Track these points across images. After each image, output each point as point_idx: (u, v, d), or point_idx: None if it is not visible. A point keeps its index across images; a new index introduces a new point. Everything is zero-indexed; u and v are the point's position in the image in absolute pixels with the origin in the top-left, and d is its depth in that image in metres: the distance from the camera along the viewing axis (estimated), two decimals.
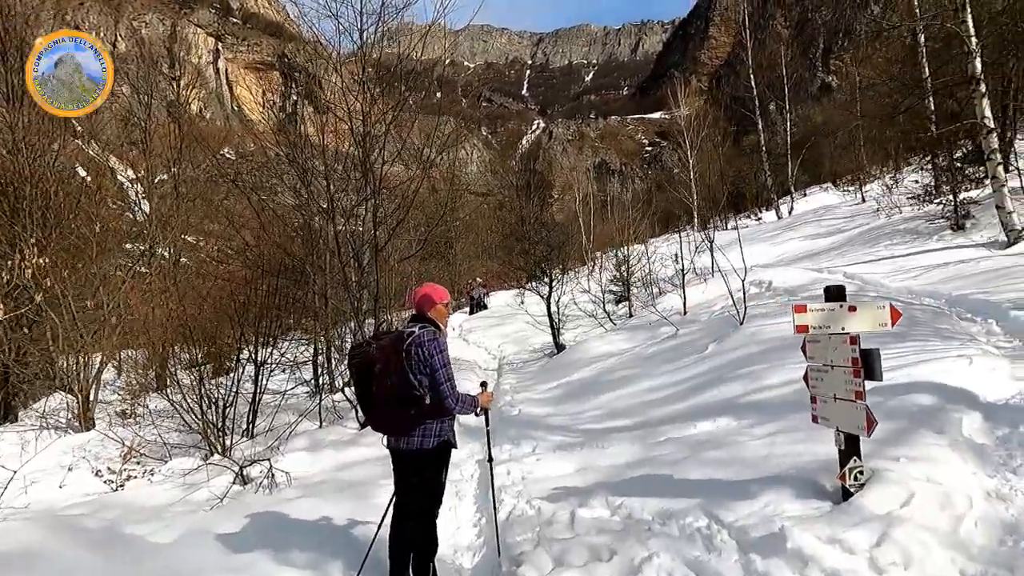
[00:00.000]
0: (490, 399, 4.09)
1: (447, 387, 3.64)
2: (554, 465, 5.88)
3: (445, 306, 3.93)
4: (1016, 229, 12.78)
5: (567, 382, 10.28)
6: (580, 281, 18.59)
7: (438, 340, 3.69)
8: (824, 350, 3.59)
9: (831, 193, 37.87)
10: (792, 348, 7.25)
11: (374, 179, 10.40)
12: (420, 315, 3.86)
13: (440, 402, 3.63)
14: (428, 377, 3.64)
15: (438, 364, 3.63)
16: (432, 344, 3.65)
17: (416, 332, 3.69)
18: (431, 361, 3.62)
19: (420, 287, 3.96)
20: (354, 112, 10.52)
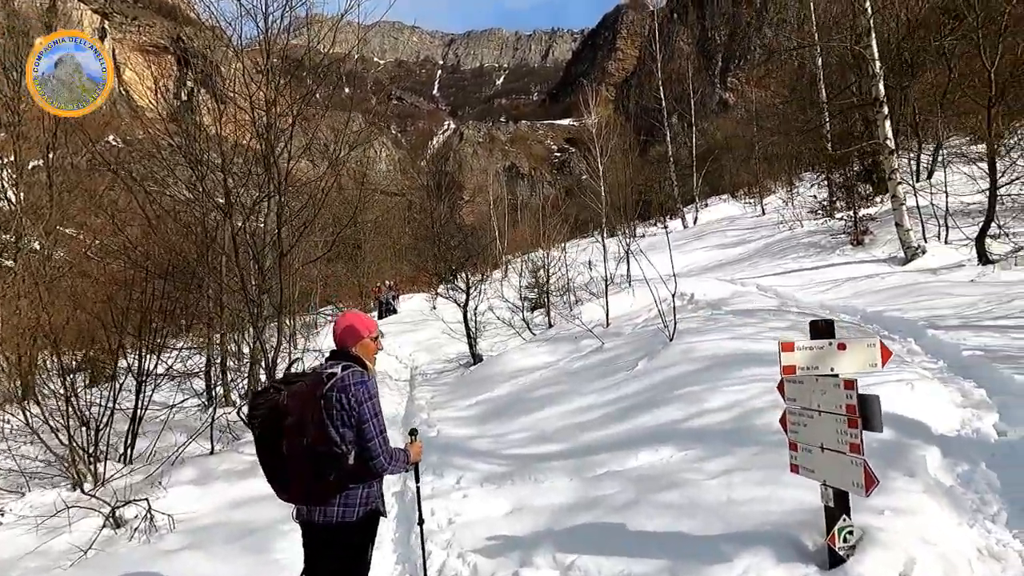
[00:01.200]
0: (421, 450, 3.44)
1: (378, 443, 2.96)
2: (485, 504, 5.26)
3: (374, 340, 3.24)
4: (913, 247, 13.37)
5: (488, 398, 9.68)
6: (498, 288, 18.06)
7: (367, 384, 3.00)
8: (807, 392, 3.19)
9: (732, 204, 39.47)
10: (727, 367, 7.00)
11: (278, 174, 9.43)
12: (343, 352, 3.16)
13: (368, 462, 2.96)
14: (354, 431, 2.95)
15: (367, 414, 2.95)
16: (360, 389, 2.96)
17: (339, 374, 2.99)
18: (359, 411, 2.94)
19: (342, 317, 3.25)
20: (257, 102, 9.60)
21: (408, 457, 3.18)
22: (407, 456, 3.17)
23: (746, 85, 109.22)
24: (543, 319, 15.78)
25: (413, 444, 3.37)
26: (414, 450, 3.32)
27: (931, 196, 14.39)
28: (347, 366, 3.04)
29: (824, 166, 22.55)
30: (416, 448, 3.36)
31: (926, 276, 11.63)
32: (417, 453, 3.36)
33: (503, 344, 14.69)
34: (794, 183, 32.29)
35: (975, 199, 14.46)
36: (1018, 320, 7.84)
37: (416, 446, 3.38)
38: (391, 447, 3.04)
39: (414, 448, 3.34)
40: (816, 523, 3.38)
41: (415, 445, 3.37)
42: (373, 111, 22.80)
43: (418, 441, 3.45)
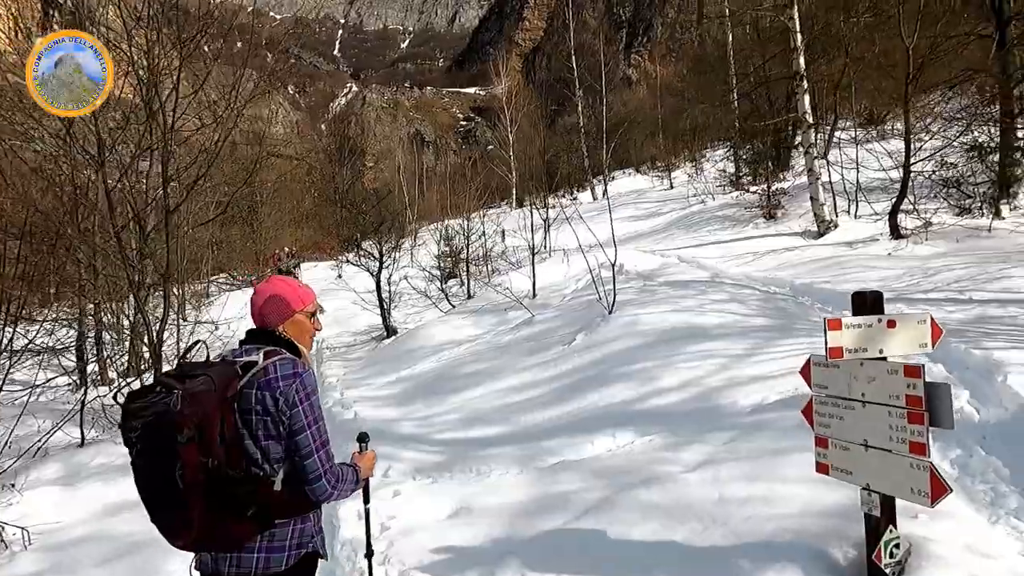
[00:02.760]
0: (374, 462, 2.64)
1: (319, 460, 2.13)
2: (423, 503, 4.51)
3: (311, 316, 2.37)
4: (826, 220, 13.59)
5: (410, 375, 8.87)
6: (411, 257, 17.07)
7: (302, 378, 2.16)
8: (844, 378, 2.65)
9: (638, 178, 39.92)
10: (676, 343, 6.56)
11: (163, 127, 8.10)
12: (265, 332, 2.28)
13: (305, 486, 2.14)
14: (283, 444, 2.13)
15: (304, 420, 2.12)
16: (292, 385, 2.13)
17: (261, 364, 2.14)
18: (291, 416, 2.11)
19: (266, 284, 2.36)
20: (137, 46, 8.26)
21: (358, 475, 2.38)
22: (356, 473, 2.37)
23: (649, 63, 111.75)
24: (460, 289, 15.01)
25: (363, 455, 2.56)
26: (365, 463, 2.51)
27: (842, 171, 14.70)
28: (272, 352, 2.18)
29: (734, 140, 22.94)
30: (368, 460, 2.56)
31: (843, 249, 11.78)
32: (369, 467, 2.56)
33: (419, 316, 13.82)
34: (698, 158, 32.91)
35: (878, 176, 14.92)
36: (947, 293, 7.88)
37: (367, 457, 2.57)
38: (336, 464, 2.23)
39: (365, 460, 2.53)
40: (839, 529, 2.90)
41: (366, 456, 2.56)
42: (269, 69, 20.89)
43: (370, 450, 2.64)
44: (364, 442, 2.65)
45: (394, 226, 14.35)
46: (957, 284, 8.12)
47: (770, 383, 5.16)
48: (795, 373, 5.27)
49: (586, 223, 10.69)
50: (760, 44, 19.03)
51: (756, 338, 6.33)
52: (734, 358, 5.88)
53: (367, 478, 2.56)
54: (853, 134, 17.60)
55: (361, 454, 2.57)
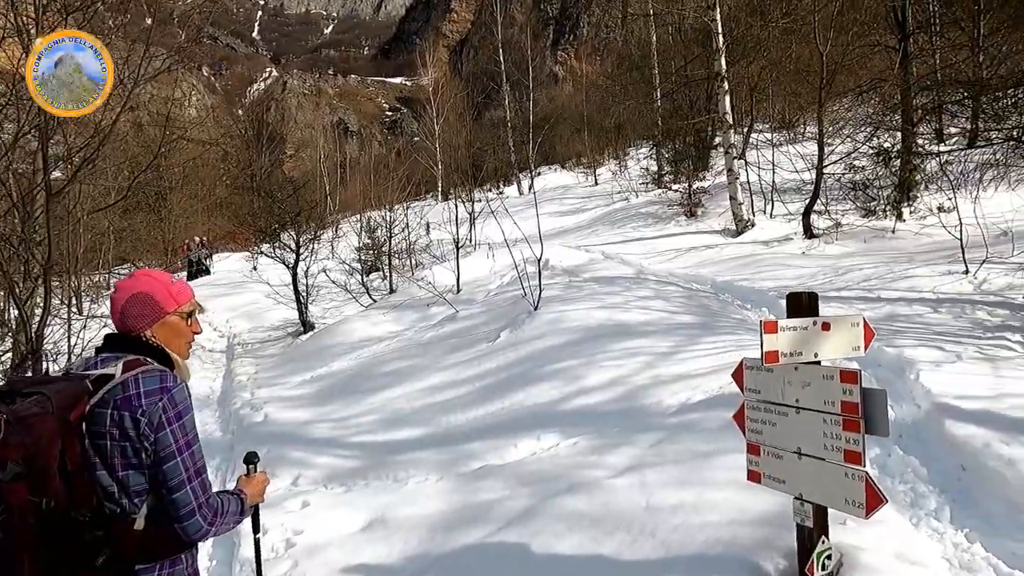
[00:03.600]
0: (265, 486, 2.26)
1: (193, 491, 1.80)
2: (334, 516, 4.18)
3: (187, 317, 2.01)
4: (744, 219, 13.97)
5: (326, 373, 8.43)
6: (331, 249, 16.43)
7: (172, 393, 1.81)
8: (778, 383, 2.54)
9: (564, 174, 40.21)
10: (601, 340, 6.45)
11: None
12: (128, 338, 1.92)
13: (176, 524, 1.80)
14: (147, 474, 1.79)
15: (173, 445, 1.79)
16: (159, 403, 1.78)
17: (118, 378, 1.79)
18: (159, 440, 1.77)
19: (129, 280, 1.99)
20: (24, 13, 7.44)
21: (244, 504, 2.05)
22: (242, 502, 2.04)
23: (575, 60, 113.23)
24: (382, 283, 14.55)
25: (251, 479, 2.21)
26: (253, 488, 2.15)
27: (759, 172, 15.14)
28: (135, 363, 1.82)
29: (656, 139, 23.36)
30: (256, 484, 2.19)
31: (760, 248, 12.11)
32: (258, 492, 2.20)
33: (338, 310, 13.28)
34: (622, 156, 33.43)
35: (792, 177, 15.48)
36: (857, 291, 8.16)
37: (256, 481, 2.20)
38: (215, 494, 1.89)
39: (253, 485, 2.17)
40: (770, 539, 2.80)
41: (255, 480, 2.20)
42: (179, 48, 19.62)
43: (260, 472, 2.28)
44: (252, 463, 2.29)
45: (312, 216, 13.70)
46: (866, 283, 8.42)
47: (695, 382, 5.12)
48: (719, 372, 5.26)
49: (512, 217, 10.52)
50: (683, 45, 19.38)
51: (680, 335, 6.31)
52: (659, 356, 5.82)
53: (256, 504, 2.22)
54: (769, 136, 18.21)
55: (249, 478, 2.20)
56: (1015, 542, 2.84)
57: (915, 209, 12.83)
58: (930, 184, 12.93)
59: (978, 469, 3.37)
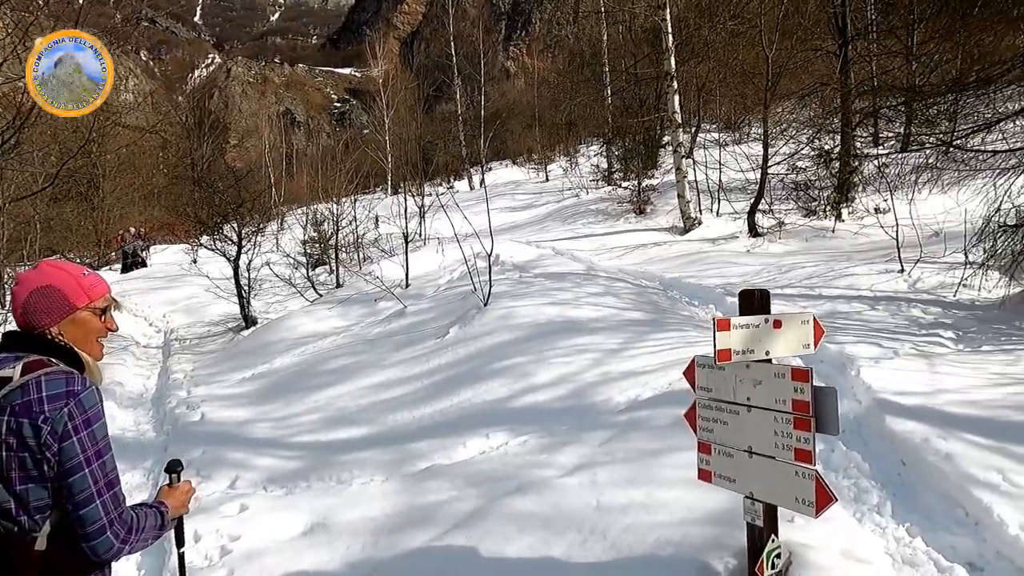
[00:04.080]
0: (188, 497, 2.07)
1: (103, 506, 1.63)
2: (274, 520, 4.00)
3: (100, 314, 1.82)
4: (691, 217, 14.19)
5: (268, 371, 8.14)
6: (275, 241, 15.95)
7: (79, 398, 1.64)
8: (729, 381, 2.51)
9: (514, 169, 40.19)
10: (551, 336, 6.41)
11: None
12: (30, 337, 1.73)
13: (83, 543, 1.62)
14: (50, 488, 1.61)
15: (80, 456, 1.61)
16: (64, 408, 1.61)
17: (19, 382, 1.61)
18: (64, 450, 1.60)
19: (32, 272, 1.79)
20: None
21: (164, 518, 1.88)
22: (162, 516, 1.87)
23: (527, 56, 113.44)
24: (329, 278, 14.20)
25: (174, 489, 2.04)
26: (175, 499, 1.98)
27: (707, 171, 15.41)
28: (37, 364, 1.64)
29: (607, 137, 23.54)
30: (180, 495, 2.01)
31: (707, 245, 12.32)
32: (182, 503, 2.02)
33: (282, 305, 12.89)
34: (572, 152, 33.62)
35: (737, 177, 15.81)
36: (800, 289, 8.36)
37: (180, 491, 2.03)
38: (128, 508, 1.72)
39: (175, 496, 2.00)
40: (719, 538, 2.79)
41: (178, 490, 2.03)
42: (115, 30, 18.75)
43: (183, 482, 2.10)
44: (176, 472, 2.10)
45: (256, 208, 13.25)
46: (808, 281, 8.64)
47: (644, 379, 5.11)
48: (668, 368, 5.27)
49: (462, 212, 10.38)
50: (633, 44, 19.56)
51: (630, 332, 6.32)
52: (609, 353, 5.81)
53: (180, 516, 2.05)
54: (716, 136, 18.56)
55: (171, 488, 2.03)
56: (953, 536, 2.91)
57: (853, 210, 13.26)
58: (867, 186, 13.40)
59: (917, 464, 3.45)
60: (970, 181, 8.73)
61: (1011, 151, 8.27)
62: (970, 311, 7.15)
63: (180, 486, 2.05)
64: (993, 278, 7.81)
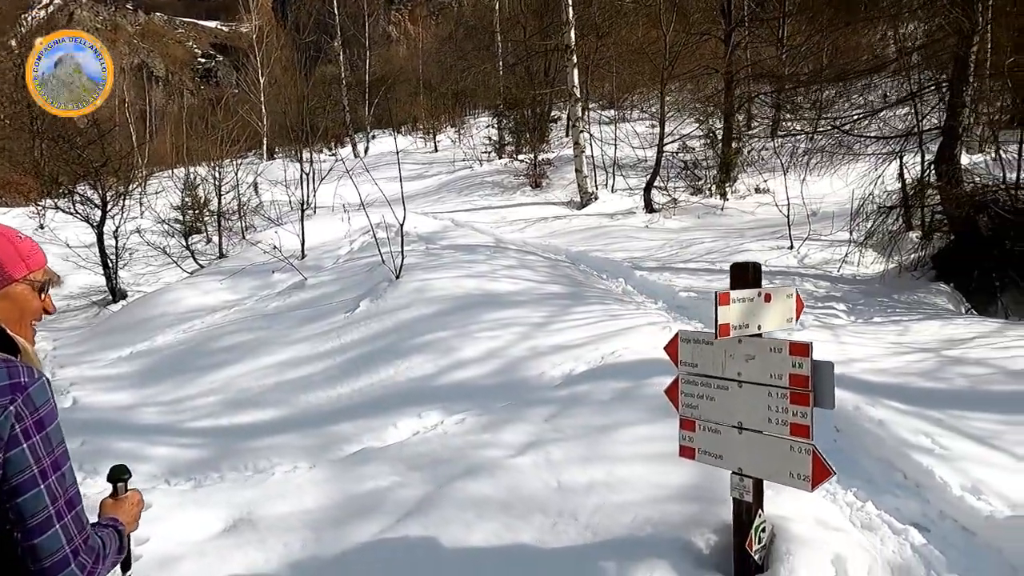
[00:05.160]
0: (139, 508, 1.68)
1: (65, 532, 1.27)
2: (184, 520, 3.54)
3: (36, 288, 1.42)
4: (589, 192, 14.38)
5: (149, 349, 7.33)
6: (141, 205, 14.46)
7: (30, 393, 1.26)
8: (717, 356, 2.44)
9: (401, 138, 39.09)
10: (471, 310, 6.21)
11: None
12: None
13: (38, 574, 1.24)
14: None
15: (33, 468, 1.24)
16: (15, 407, 1.23)
17: None
18: (13, 460, 1.22)
19: None
20: None
21: (123, 538, 1.51)
22: (120, 536, 1.50)
23: (409, 23, 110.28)
24: (207, 247, 13.08)
25: (119, 502, 1.63)
26: (123, 514, 1.59)
27: (602, 147, 15.64)
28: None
29: (498, 108, 23.36)
30: (129, 507, 1.63)
31: (606, 220, 12.53)
32: (135, 515, 1.64)
33: (155, 276, 11.74)
34: (460, 123, 33.17)
35: (629, 154, 16.21)
36: (702, 263, 8.68)
37: (130, 503, 1.64)
38: (92, 531, 1.36)
39: (123, 510, 1.61)
40: (696, 515, 2.74)
41: (125, 502, 1.63)
42: None
43: (130, 491, 1.68)
44: (121, 481, 1.68)
45: (122, 167, 11.86)
46: (708, 256, 8.99)
47: (575, 352, 5.05)
48: (598, 341, 5.24)
49: (353, 180, 9.87)
50: (525, 15, 19.40)
51: (552, 306, 6.24)
52: (534, 326, 5.70)
53: (129, 534, 1.66)
54: (612, 113, 18.92)
55: (117, 501, 1.64)
56: (896, 499, 3.05)
57: (735, 189, 14.01)
58: (748, 166, 14.18)
59: (851, 430, 3.61)
60: (847, 166, 9.42)
61: (885, 138, 8.98)
62: (854, 285, 7.72)
63: (128, 497, 1.66)
64: (869, 255, 8.50)
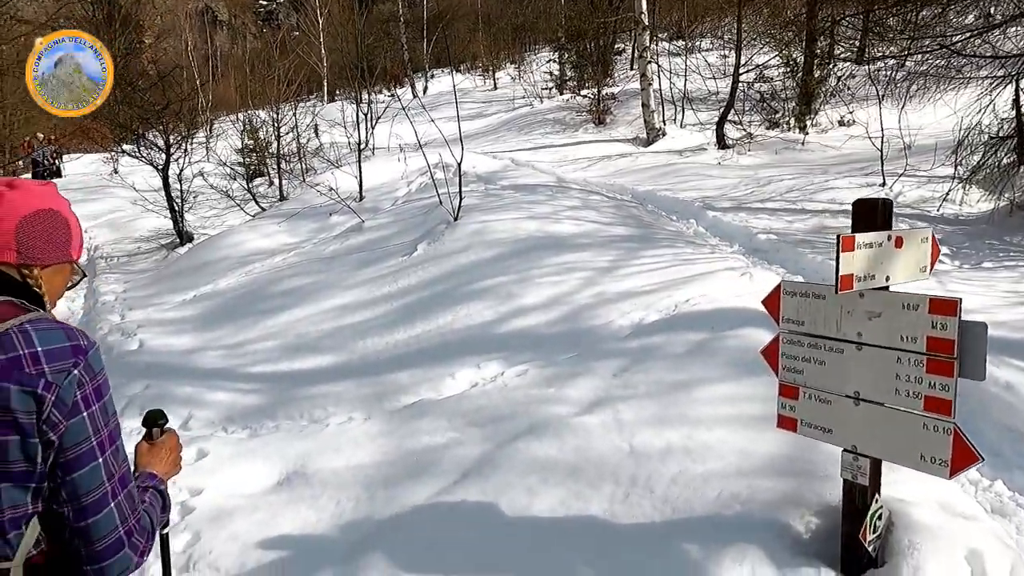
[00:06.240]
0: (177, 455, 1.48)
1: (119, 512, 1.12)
2: (239, 471, 3.44)
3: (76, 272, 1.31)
4: (656, 128, 13.60)
5: (211, 292, 7.37)
6: (207, 148, 14.58)
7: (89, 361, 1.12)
8: (834, 312, 2.03)
9: (459, 77, 38.25)
10: (533, 254, 5.87)
11: None
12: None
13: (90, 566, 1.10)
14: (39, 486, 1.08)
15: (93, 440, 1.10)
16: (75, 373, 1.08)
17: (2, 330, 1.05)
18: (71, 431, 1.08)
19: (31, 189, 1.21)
20: None
21: (165, 498, 1.36)
22: (162, 495, 1.34)
23: None
24: (269, 190, 13.10)
25: (156, 448, 1.44)
26: (161, 463, 1.42)
27: (671, 79, 14.70)
28: (11, 307, 1.11)
29: (560, 42, 22.33)
30: (167, 453, 1.45)
31: (674, 157, 11.82)
32: (173, 462, 1.45)
33: (219, 219, 11.85)
34: (520, 60, 32.13)
35: (699, 86, 15.18)
36: (781, 203, 8.02)
37: (167, 448, 1.46)
38: (142, 506, 1.21)
39: (159, 456, 1.43)
40: (796, 492, 2.39)
41: (163, 448, 1.45)
42: None
43: (168, 434, 1.49)
44: (158, 426, 1.49)
45: (183, 110, 11.86)
46: (789, 194, 8.30)
47: (645, 299, 4.67)
48: (671, 288, 4.83)
49: (410, 119, 9.54)
50: None
51: (619, 249, 5.84)
52: (600, 271, 5.33)
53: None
54: (680, 43, 17.76)
55: (154, 446, 1.45)
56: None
57: (816, 122, 12.95)
58: (832, 97, 13.05)
59: (971, 395, 3.14)
60: (951, 93, 8.42)
61: (1001, 58, 7.94)
62: (956, 225, 6.96)
63: (166, 441, 1.47)
64: (975, 193, 7.64)
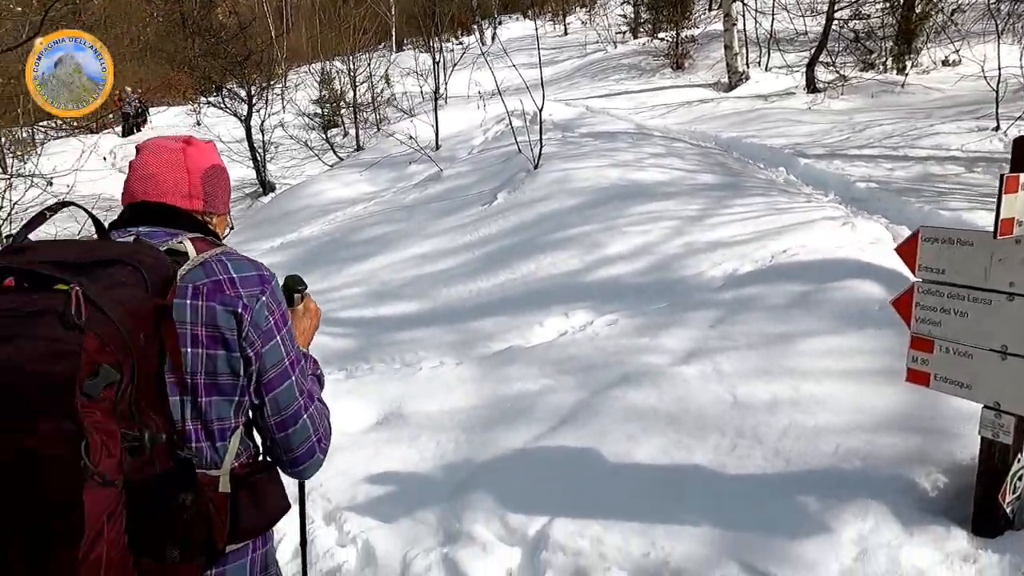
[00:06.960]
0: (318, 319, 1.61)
1: (312, 422, 1.30)
2: (340, 409, 3.46)
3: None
4: (739, 72, 12.93)
5: (296, 240, 7.59)
6: (283, 99, 14.86)
7: (274, 290, 1.25)
8: (983, 259, 1.88)
9: (528, 23, 37.29)
10: (617, 202, 5.73)
11: None
12: (181, 213, 1.26)
13: (291, 469, 1.31)
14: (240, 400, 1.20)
15: (287, 358, 1.24)
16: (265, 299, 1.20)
17: (200, 260, 1.17)
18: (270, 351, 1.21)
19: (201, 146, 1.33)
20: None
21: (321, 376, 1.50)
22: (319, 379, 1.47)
23: None
24: (345, 140, 13.29)
25: (295, 312, 1.48)
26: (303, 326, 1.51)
27: (756, 18, 13.89)
28: (203, 243, 1.22)
29: None
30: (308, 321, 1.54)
31: (760, 103, 11.24)
32: (312, 327, 1.55)
33: (299, 169, 12.14)
34: (590, 2, 31.00)
35: (786, 26, 14.28)
36: (880, 149, 7.53)
37: (311, 312, 1.56)
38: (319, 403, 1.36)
39: (305, 323, 1.52)
40: (916, 450, 2.29)
41: (305, 313, 1.53)
42: None
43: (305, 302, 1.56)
44: (298, 291, 1.53)
45: (262, 62, 12.08)
46: (889, 140, 7.77)
47: (739, 250, 4.50)
48: (765, 238, 4.63)
49: (490, 65, 9.39)
50: None
51: (706, 198, 5.63)
52: (688, 220, 5.16)
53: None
54: None
55: (293, 311, 1.46)
56: None
57: (917, 63, 12.00)
58: (936, 34, 12.03)
59: None
60: None
61: None
62: None
63: (304, 310, 1.54)
64: None
